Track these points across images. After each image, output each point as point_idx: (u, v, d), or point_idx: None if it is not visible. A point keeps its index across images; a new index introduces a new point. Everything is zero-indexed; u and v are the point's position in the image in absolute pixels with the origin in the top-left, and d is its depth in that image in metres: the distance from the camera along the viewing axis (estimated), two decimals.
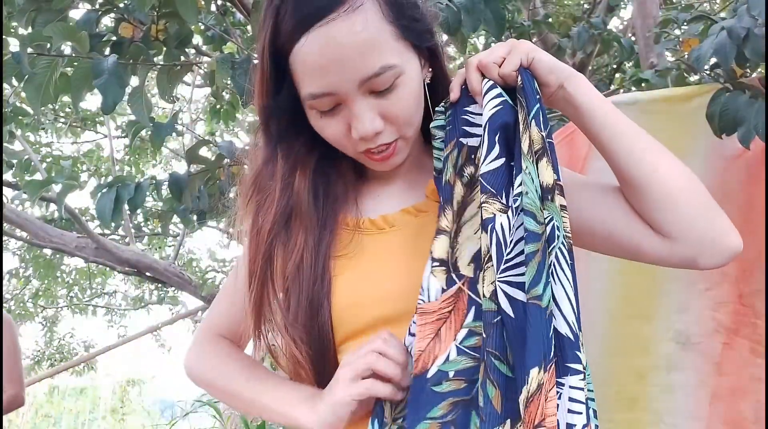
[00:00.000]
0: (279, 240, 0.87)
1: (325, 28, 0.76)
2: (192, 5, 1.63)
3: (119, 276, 7.39)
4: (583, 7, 4.29)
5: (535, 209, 0.75)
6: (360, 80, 0.78)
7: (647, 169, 0.83)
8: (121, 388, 12.88)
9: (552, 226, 0.75)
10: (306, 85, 0.80)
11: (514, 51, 0.82)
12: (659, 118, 1.75)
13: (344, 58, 0.77)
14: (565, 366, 0.73)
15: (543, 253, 0.74)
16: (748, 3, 1.51)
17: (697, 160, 1.72)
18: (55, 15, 1.68)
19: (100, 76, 1.57)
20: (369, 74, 0.78)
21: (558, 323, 0.73)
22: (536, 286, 0.73)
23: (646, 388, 1.70)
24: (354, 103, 0.80)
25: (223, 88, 2.62)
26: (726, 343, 1.68)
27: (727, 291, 1.69)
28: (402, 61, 0.81)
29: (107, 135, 5.49)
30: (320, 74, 0.78)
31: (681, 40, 2.08)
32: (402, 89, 0.81)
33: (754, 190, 1.66)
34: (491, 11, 1.73)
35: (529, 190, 0.76)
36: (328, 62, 0.77)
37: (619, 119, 0.86)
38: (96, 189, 2.08)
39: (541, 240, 0.75)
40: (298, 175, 0.89)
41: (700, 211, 0.84)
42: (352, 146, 0.85)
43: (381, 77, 0.79)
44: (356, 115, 0.80)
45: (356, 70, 0.78)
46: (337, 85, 0.79)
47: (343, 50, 0.77)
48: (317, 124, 0.85)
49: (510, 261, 0.76)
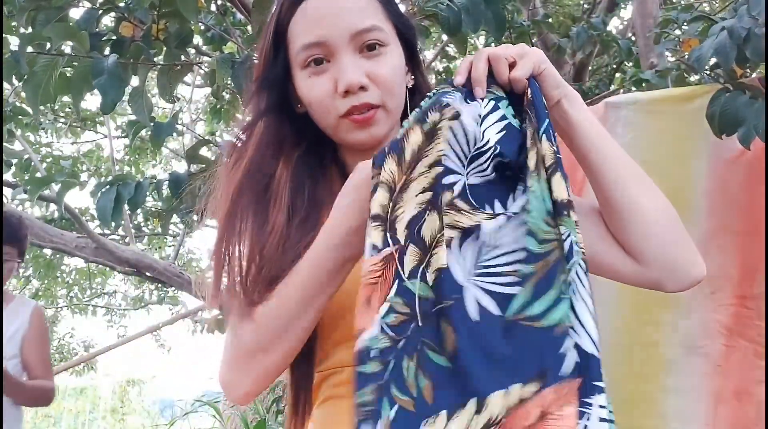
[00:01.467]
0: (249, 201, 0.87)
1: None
2: (192, 4, 1.63)
3: (119, 276, 7.39)
4: (583, 8, 4.29)
5: (537, 229, 0.73)
6: (352, 33, 0.85)
7: (630, 197, 0.85)
8: (121, 388, 12.88)
9: (570, 243, 0.72)
10: (301, 38, 0.86)
11: (528, 57, 0.81)
12: (659, 118, 1.75)
13: (341, 10, 0.86)
14: (592, 385, 0.69)
15: (548, 273, 0.72)
16: (749, 3, 1.51)
17: (697, 161, 1.72)
18: (55, 14, 1.68)
19: (99, 76, 1.57)
20: (360, 28, 0.85)
21: (583, 341, 0.70)
22: (530, 307, 0.71)
23: (653, 392, 1.70)
24: (343, 56, 0.85)
25: (224, 88, 2.62)
26: (729, 345, 1.67)
27: (729, 293, 1.69)
28: (389, 37, 0.88)
29: (107, 135, 5.48)
30: (316, 24, 0.86)
31: (681, 40, 2.08)
32: (387, 57, 0.87)
33: (755, 190, 1.66)
34: (491, 11, 1.73)
35: (534, 209, 0.74)
36: (325, 14, 0.85)
37: (609, 143, 0.88)
38: (96, 188, 2.08)
39: (540, 261, 0.72)
40: (282, 162, 0.89)
41: (673, 242, 0.87)
42: (335, 108, 0.86)
43: (371, 34, 0.86)
44: (343, 67, 0.85)
45: (349, 23, 0.85)
46: (330, 35, 0.85)
47: (340, 5, 0.86)
48: (305, 84, 0.88)
49: (490, 267, 0.73)
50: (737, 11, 1.56)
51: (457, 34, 1.77)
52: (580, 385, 0.69)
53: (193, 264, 7.39)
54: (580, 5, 4.39)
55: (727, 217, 1.69)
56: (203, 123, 6.17)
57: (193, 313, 6.82)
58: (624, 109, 1.76)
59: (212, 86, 2.39)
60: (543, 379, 0.69)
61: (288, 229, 0.84)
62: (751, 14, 1.50)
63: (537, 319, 0.71)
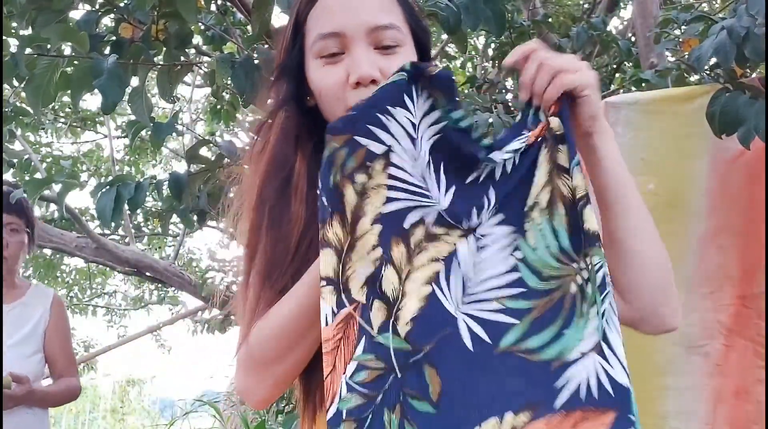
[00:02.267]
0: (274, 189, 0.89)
1: None
2: (192, 5, 1.63)
3: (119, 276, 7.38)
4: (583, 8, 4.29)
5: (542, 267, 0.73)
6: (369, 27, 0.85)
7: (635, 244, 0.85)
8: (121, 388, 12.88)
9: (603, 274, 0.72)
10: (318, 27, 0.87)
11: (582, 74, 0.78)
12: (659, 118, 1.75)
13: (360, 4, 0.86)
14: (627, 418, 0.71)
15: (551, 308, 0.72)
16: (748, 2, 1.51)
17: (697, 161, 1.72)
18: (55, 15, 1.68)
19: (100, 77, 1.57)
20: (379, 24, 0.85)
21: (616, 373, 0.72)
22: (525, 341, 0.71)
23: (651, 391, 1.70)
24: (358, 48, 0.85)
25: (223, 88, 2.62)
26: (728, 345, 1.68)
27: (729, 293, 1.69)
28: (405, 36, 0.88)
29: (107, 135, 5.49)
30: (334, 14, 0.86)
31: (681, 40, 2.08)
32: (401, 56, 0.86)
33: (755, 190, 1.66)
34: (491, 11, 1.73)
35: (539, 247, 0.73)
36: (344, 5, 0.86)
37: (629, 188, 0.86)
38: (96, 188, 2.07)
39: (542, 298, 0.72)
40: (299, 154, 0.91)
41: (662, 291, 0.89)
42: (345, 99, 0.86)
43: (388, 32, 0.86)
44: (357, 58, 0.85)
45: (368, 17, 0.85)
46: (347, 26, 0.85)
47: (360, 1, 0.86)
48: (317, 74, 0.88)
49: (478, 294, 0.73)
50: (736, 11, 1.56)
51: (456, 33, 1.76)
52: (615, 419, 0.70)
53: (193, 264, 7.38)
54: (580, 5, 4.39)
55: (727, 216, 1.69)
56: (203, 123, 6.17)
57: (193, 313, 6.82)
58: (624, 109, 1.76)
59: (212, 86, 2.39)
60: (535, 409, 0.68)
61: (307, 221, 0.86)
62: (750, 14, 1.50)
63: (533, 353, 0.71)
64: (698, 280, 1.70)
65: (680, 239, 1.71)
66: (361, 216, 0.73)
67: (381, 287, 0.72)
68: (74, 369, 2.26)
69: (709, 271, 1.70)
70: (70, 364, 2.24)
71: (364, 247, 0.73)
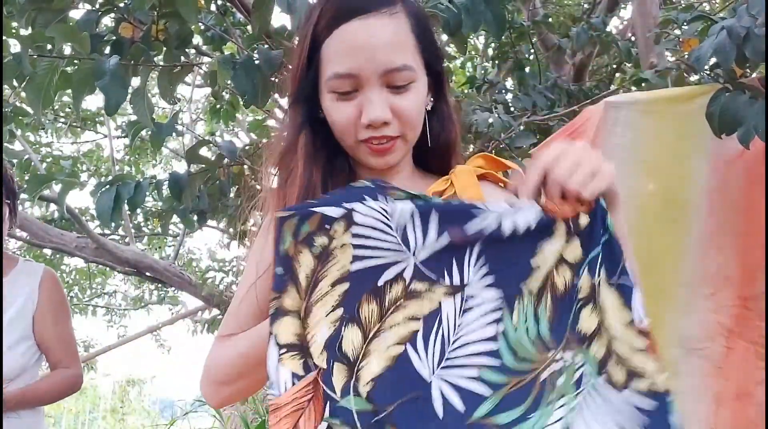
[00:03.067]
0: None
1: (365, 20, 0.87)
2: (192, 5, 1.63)
3: (119, 276, 7.39)
4: (583, 8, 4.29)
5: (520, 348, 0.73)
6: (383, 70, 0.87)
7: None
8: (121, 388, 12.88)
9: (581, 374, 0.73)
10: (333, 65, 0.89)
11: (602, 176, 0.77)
12: (659, 118, 1.75)
13: (374, 47, 0.87)
14: None
15: (522, 388, 0.72)
16: (748, 2, 1.51)
17: (697, 161, 1.72)
18: (55, 15, 1.68)
19: (102, 78, 1.57)
20: (392, 67, 0.87)
21: None
22: (497, 415, 0.71)
23: None
24: (371, 90, 0.88)
25: (224, 89, 2.62)
26: (729, 347, 1.67)
27: (730, 294, 1.68)
28: (418, 71, 0.91)
29: (107, 135, 5.49)
30: (350, 55, 0.88)
31: (681, 40, 2.08)
32: (413, 93, 0.90)
33: (755, 190, 1.66)
34: (491, 12, 1.73)
35: (519, 328, 0.74)
36: (359, 47, 0.87)
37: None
38: (96, 188, 2.08)
39: (515, 376, 0.72)
40: (314, 167, 0.94)
41: None
42: (356, 133, 0.91)
43: (401, 73, 0.88)
44: (371, 100, 0.88)
45: (383, 60, 0.87)
46: (362, 69, 0.87)
47: (375, 41, 0.87)
48: (331, 106, 0.91)
49: (457, 359, 0.73)
50: (736, 11, 1.56)
51: (456, 34, 1.76)
52: None
53: (193, 264, 7.38)
54: (580, 5, 4.39)
55: (727, 217, 1.69)
56: (203, 123, 6.17)
57: (193, 313, 6.83)
58: (624, 109, 1.76)
59: (212, 86, 2.39)
60: None
61: None
62: (751, 14, 1.50)
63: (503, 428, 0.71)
64: (699, 281, 1.69)
65: (680, 239, 1.71)
66: (320, 279, 0.73)
67: (341, 348, 0.72)
68: (74, 356, 1.91)
69: (710, 272, 1.70)
70: (69, 352, 1.89)
71: (322, 309, 0.72)
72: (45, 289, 1.85)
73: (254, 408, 4.60)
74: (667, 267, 1.71)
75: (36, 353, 1.83)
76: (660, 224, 1.72)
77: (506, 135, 2.60)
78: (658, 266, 1.71)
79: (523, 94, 2.64)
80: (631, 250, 0.86)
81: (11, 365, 1.74)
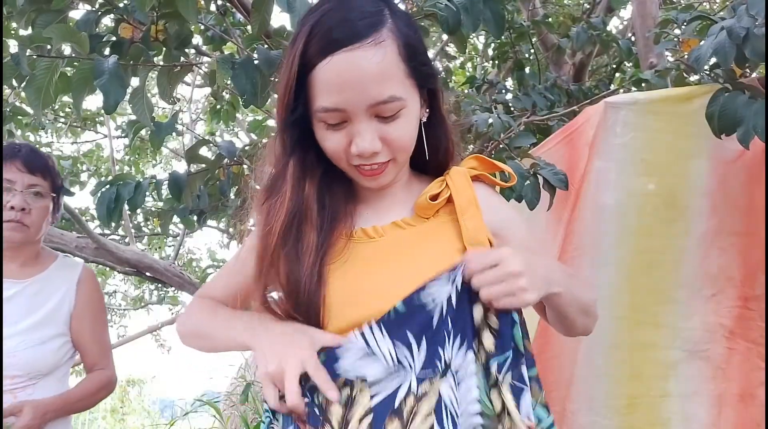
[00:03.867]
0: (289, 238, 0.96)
1: (350, 53, 0.87)
2: (192, 5, 1.63)
3: (119, 276, 7.38)
4: (583, 8, 4.29)
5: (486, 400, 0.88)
6: (370, 104, 0.89)
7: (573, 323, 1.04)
8: (121, 388, 12.86)
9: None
10: (321, 99, 0.90)
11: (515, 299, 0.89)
12: (659, 118, 1.75)
13: (361, 81, 0.88)
14: None
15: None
16: (747, 2, 1.51)
17: (697, 161, 1.72)
18: (54, 16, 1.68)
19: (101, 77, 1.56)
20: (379, 100, 0.89)
21: None
22: None
23: (653, 397, 1.69)
24: (359, 123, 0.90)
25: (223, 89, 2.62)
26: (731, 348, 1.67)
27: (731, 295, 1.68)
28: (407, 96, 0.92)
29: (107, 135, 5.49)
30: (336, 91, 0.89)
31: (681, 40, 2.08)
32: (403, 120, 0.92)
33: (755, 190, 1.66)
34: (491, 11, 1.73)
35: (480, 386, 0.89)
36: (346, 82, 0.88)
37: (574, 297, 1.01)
38: (96, 188, 2.08)
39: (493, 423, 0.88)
40: (307, 183, 0.98)
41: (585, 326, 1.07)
42: (347, 159, 0.95)
43: (388, 105, 0.90)
44: (360, 133, 0.90)
45: (369, 94, 0.89)
46: (349, 104, 0.89)
47: (361, 75, 0.88)
48: (322, 134, 0.94)
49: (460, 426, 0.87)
50: (736, 11, 1.56)
51: (456, 33, 1.76)
52: None
53: (193, 264, 7.38)
54: (580, 5, 4.39)
55: (727, 217, 1.69)
56: (203, 123, 6.17)
57: None
58: (624, 109, 1.76)
59: (212, 86, 2.39)
60: None
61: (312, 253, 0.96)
62: (750, 14, 1.50)
63: None
64: (699, 282, 1.69)
65: (681, 240, 1.71)
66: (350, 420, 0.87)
67: None
68: (109, 358, 1.91)
69: (710, 273, 1.70)
70: (104, 353, 1.89)
71: None
72: (84, 288, 1.86)
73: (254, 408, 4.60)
74: (668, 268, 1.71)
75: (70, 351, 1.82)
76: (660, 224, 1.72)
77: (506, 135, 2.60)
78: (658, 267, 1.71)
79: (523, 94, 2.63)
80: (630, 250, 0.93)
81: (44, 360, 1.73)
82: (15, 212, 1.74)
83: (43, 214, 1.80)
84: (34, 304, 1.77)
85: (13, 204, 1.74)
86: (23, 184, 1.76)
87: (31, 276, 1.81)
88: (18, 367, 1.68)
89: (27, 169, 1.77)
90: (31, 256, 1.83)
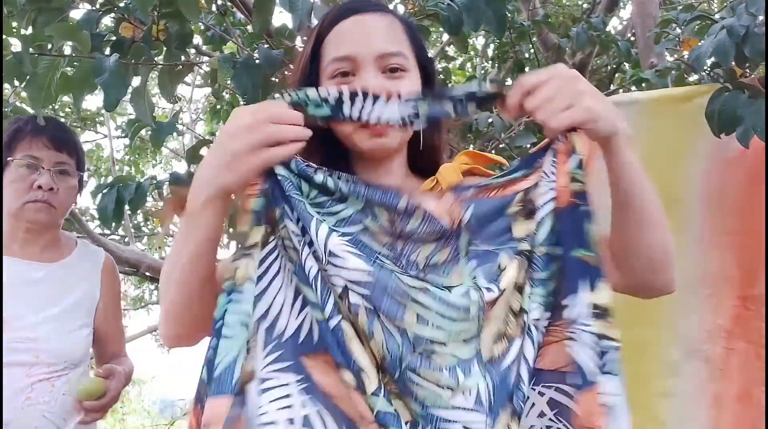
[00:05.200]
0: None
1: (360, 16, 0.97)
2: (194, 4, 1.63)
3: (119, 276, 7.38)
4: (583, 8, 4.30)
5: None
6: (379, 53, 0.95)
7: (647, 240, 0.96)
8: None
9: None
10: (332, 51, 0.96)
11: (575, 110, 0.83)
12: (659, 118, 1.75)
13: (372, 34, 0.96)
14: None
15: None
16: (747, 1, 1.52)
17: (697, 161, 1.72)
18: (55, 15, 1.68)
19: (102, 74, 1.57)
20: (388, 51, 0.95)
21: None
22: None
23: (651, 397, 1.69)
24: (366, 72, 0.94)
25: (224, 88, 2.63)
26: (730, 348, 1.66)
27: (729, 294, 1.67)
28: (411, 67, 0.98)
29: (107, 135, 5.49)
30: (347, 41, 0.95)
31: (681, 40, 2.08)
32: (406, 81, 0.96)
33: (755, 189, 1.66)
34: (492, 11, 1.73)
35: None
36: (357, 33, 0.96)
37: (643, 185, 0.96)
38: (96, 189, 2.08)
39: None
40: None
41: (663, 270, 1.00)
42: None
43: (396, 58, 0.95)
44: (365, 81, 0.93)
45: (378, 45, 0.95)
46: (358, 52, 0.94)
47: (372, 29, 0.96)
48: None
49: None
50: (735, 10, 1.56)
51: (457, 33, 1.77)
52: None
53: None
54: (580, 5, 4.39)
55: (726, 216, 1.69)
56: (203, 123, 6.18)
57: None
58: (624, 109, 1.76)
59: (212, 86, 2.39)
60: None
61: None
62: (750, 13, 1.50)
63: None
64: (698, 281, 1.69)
65: (680, 240, 1.70)
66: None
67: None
68: (124, 347, 1.87)
69: (709, 272, 1.69)
70: (124, 342, 1.86)
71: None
72: (108, 279, 1.80)
73: None
74: None
75: (91, 342, 1.75)
76: None
77: (506, 134, 2.60)
78: None
79: None
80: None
81: (78, 349, 1.68)
82: (42, 192, 1.63)
83: (70, 194, 1.71)
84: (60, 291, 1.68)
85: (41, 183, 1.62)
86: (50, 161, 1.65)
87: (55, 260, 1.72)
88: (53, 355, 1.61)
89: (54, 146, 1.66)
90: (54, 239, 1.74)
